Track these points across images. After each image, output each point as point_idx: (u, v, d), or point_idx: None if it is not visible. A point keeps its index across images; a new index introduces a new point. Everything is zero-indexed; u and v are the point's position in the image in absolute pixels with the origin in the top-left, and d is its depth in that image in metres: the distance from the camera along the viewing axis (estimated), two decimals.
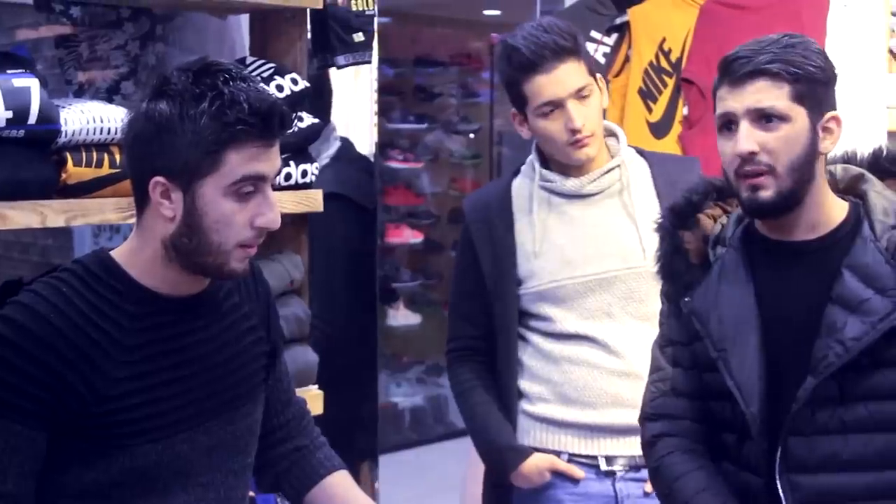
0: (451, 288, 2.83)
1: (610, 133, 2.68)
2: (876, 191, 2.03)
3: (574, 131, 2.51)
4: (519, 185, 2.69)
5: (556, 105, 2.51)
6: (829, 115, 1.98)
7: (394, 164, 7.04)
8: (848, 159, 2.12)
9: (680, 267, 2.13)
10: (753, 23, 3.46)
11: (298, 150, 2.81)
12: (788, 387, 1.96)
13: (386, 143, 6.78)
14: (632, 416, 2.39)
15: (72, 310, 1.78)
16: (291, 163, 2.77)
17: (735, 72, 1.96)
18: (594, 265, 2.57)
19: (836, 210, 2.02)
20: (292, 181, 2.78)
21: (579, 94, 2.51)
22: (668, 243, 2.15)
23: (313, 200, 2.83)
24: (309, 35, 3.10)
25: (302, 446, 2.16)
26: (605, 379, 2.56)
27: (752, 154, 1.94)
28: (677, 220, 2.14)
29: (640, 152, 2.71)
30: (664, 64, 3.70)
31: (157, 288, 1.85)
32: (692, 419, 2.14)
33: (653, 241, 2.56)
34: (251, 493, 2.49)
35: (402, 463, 5.96)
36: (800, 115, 1.94)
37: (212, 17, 3.11)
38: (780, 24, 3.32)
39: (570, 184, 2.61)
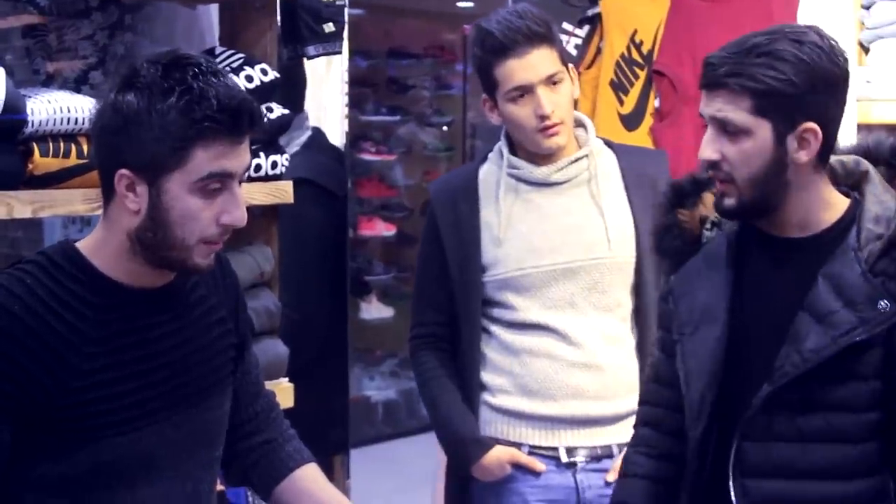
0: (415, 273, 2.82)
1: (579, 124, 2.68)
2: (874, 194, 1.93)
3: (543, 117, 2.51)
4: (486, 172, 2.68)
5: (527, 90, 2.51)
6: (804, 126, 1.85)
7: (367, 157, 7.00)
8: (868, 152, 2.01)
9: (672, 244, 2.10)
10: (724, 15, 3.47)
11: (268, 141, 2.80)
12: (750, 387, 1.93)
13: (359, 135, 6.75)
14: (592, 408, 2.40)
15: (35, 301, 1.76)
16: (261, 154, 2.76)
17: (703, 77, 1.90)
18: (560, 254, 2.57)
19: (832, 209, 1.94)
20: (262, 172, 2.76)
21: (550, 81, 2.51)
22: (663, 219, 2.12)
23: (283, 192, 2.82)
24: (279, 25, 3.09)
25: (271, 439, 2.15)
26: (566, 371, 2.56)
27: (714, 162, 1.90)
28: (676, 197, 2.11)
29: (609, 144, 2.71)
30: (636, 56, 3.70)
31: (121, 280, 1.83)
32: (670, 408, 2.13)
33: (618, 232, 2.56)
34: (220, 487, 2.48)
35: (375, 457, 5.94)
36: (763, 128, 1.85)
37: (181, 7, 3.10)
38: (750, 16, 3.33)
39: (539, 172, 2.61)
